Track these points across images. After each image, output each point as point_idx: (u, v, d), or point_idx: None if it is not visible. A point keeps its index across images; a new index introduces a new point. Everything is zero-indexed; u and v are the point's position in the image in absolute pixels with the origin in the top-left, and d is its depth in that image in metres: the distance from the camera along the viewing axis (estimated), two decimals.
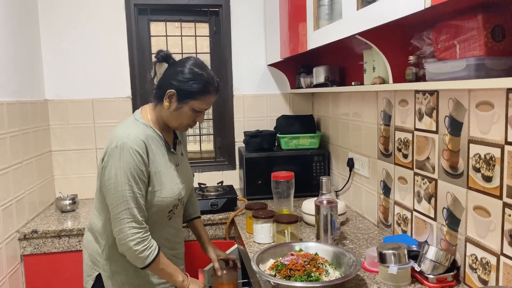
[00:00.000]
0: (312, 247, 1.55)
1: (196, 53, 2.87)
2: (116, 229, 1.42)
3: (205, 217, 2.26)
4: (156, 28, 2.84)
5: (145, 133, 1.49)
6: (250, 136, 2.58)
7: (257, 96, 2.89)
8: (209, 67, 2.85)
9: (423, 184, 1.58)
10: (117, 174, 1.40)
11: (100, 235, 1.55)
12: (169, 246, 1.63)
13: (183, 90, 1.48)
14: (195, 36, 2.87)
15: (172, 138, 1.65)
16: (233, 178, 2.88)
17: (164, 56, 1.54)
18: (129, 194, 1.40)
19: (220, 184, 2.61)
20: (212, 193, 2.42)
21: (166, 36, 2.83)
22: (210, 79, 1.52)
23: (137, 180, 1.42)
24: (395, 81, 1.49)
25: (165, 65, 1.55)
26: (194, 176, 1.85)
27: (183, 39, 2.86)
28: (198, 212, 1.89)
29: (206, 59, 2.90)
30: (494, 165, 1.22)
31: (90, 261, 1.58)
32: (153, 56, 1.94)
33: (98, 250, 1.56)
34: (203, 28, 2.89)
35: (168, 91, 1.48)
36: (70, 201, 2.46)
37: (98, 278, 1.55)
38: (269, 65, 2.83)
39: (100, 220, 1.54)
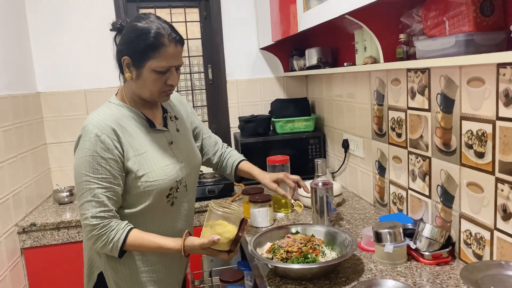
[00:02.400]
0: (308, 229, 1.56)
1: (187, 39, 2.84)
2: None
3: (202, 203, 2.27)
4: None
5: (116, 115, 1.35)
6: (245, 121, 2.58)
7: (251, 81, 2.87)
8: (199, 52, 2.86)
9: (417, 162, 1.59)
10: (76, 165, 1.30)
11: None
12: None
13: (135, 53, 1.28)
14: (185, 22, 2.84)
15: (160, 113, 1.48)
16: None
17: (120, 26, 1.37)
18: (84, 186, 1.28)
19: None
20: (209, 180, 2.43)
21: None
22: (159, 29, 1.28)
23: (95, 169, 1.27)
24: (386, 60, 1.48)
25: None
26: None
27: (173, 25, 2.82)
28: (240, 157, 1.75)
29: (197, 45, 2.87)
30: (486, 141, 1.22)
31: (90, 260, 1.45)
32: None
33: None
34: (194, 14, 2.86)
35: (122, 60, 1.31)
36: (68, 193, 2.46)
37: (100, 276, 1.42)
38: (261, 48, 2.81)
39: None
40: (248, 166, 1.72)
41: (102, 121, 1.31)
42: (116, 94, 1.45)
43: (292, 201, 1.40)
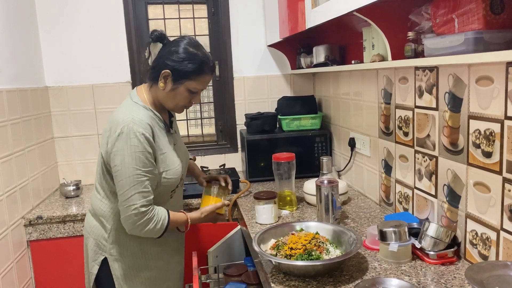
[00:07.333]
0: (312, 226, 1.56)
1: (195, 35, 2.84)
2: (123, 216, 1.44)
3: None
4: (154, 11, 2.81)
5: (148, 116, 1.50)
6: (251, 119, 2.58)
7: (258, 78, 2.87)
8: (207, 49, 2.87)
9: (424, 161, 1.58)
10: (124, 160, 1.41)
11: (106, 219, 1.55)
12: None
13: (178, 71, 1.47)
14: (193, 18, 2.84)
15: (168, 117, 1.64)
16: (235, 160, 2.88)
17: (159, 36, 1.52)
18: (136, 179, 1.41)
19: (222, 167, 2.62)
20: None
21: (164, 19, 2.81)
22: (206, 59, 1.51)
23: (145, 163, 1.42)
24: (394, 58, 1.47)
25: (160, 45, 1.53)
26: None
27: (182, 22, 2.83)
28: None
29: (205, 41, 2.87)
30: (494, 141, 1.21)
31: (95, 246, 1.58)
32: None
33: (104, 234, 1.56)
34: (202, 10, 2.86)
35: (163, 71, 1.48)
36: (74, 187, 2.48)
37: (104, 262, 1.56)
38: (269, 45, 2.80)
39: (106, 204, 1.55)
40: (191, 164, 1.91)
41: (143, 121, 1.45)
42: (135, 94, 1.56)
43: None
